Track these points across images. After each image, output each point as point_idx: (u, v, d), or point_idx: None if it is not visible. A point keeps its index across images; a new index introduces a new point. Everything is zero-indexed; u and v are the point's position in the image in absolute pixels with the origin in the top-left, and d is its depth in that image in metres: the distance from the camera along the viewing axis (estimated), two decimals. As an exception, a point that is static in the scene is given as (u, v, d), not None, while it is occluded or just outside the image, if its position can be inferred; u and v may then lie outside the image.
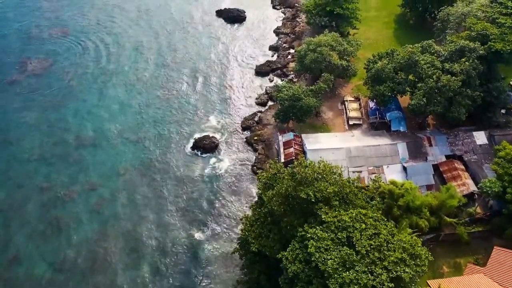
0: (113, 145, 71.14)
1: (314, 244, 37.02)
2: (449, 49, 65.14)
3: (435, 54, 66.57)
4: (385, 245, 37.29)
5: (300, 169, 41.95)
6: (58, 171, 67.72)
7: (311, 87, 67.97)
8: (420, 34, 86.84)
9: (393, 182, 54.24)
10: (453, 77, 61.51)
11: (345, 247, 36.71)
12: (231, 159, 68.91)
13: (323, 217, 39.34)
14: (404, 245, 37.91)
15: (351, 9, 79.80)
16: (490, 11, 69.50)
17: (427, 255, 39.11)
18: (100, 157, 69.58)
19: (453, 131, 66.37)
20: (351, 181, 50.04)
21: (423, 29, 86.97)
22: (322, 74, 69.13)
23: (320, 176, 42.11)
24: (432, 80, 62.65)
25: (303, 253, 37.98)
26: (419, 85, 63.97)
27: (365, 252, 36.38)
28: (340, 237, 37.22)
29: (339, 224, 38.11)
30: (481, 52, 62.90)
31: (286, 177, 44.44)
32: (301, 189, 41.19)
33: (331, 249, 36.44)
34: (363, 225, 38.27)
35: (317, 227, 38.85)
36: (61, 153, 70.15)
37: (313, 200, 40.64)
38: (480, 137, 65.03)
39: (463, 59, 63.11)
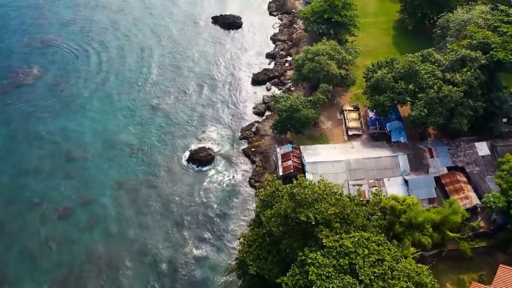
0: (106, 158, 69.29)
1: (315, 271, 35.48)
2: (450, 59, 63.81)
3: (436, 63, 65.24)
4: (389, 273, 35.75)
5: (299, 189, 40.38)
6: (50, 186, 65.82)
7: (309, 98, 66.45)
8: (419, 40, 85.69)
9: (394, 198, 52.78)
10: (455, 88, 60.14)
11: (347, 275, 35.16)
12: (228, 172, 67.23)
13: (324, 241, 37.79)
14: (410, 272, 36.40)
15: (350, 16, 78.31)
16: (491, 18, 68.28)
17: (433, 282, 37.60)
18: (93, 171, 67.71)
19: (455, 141, 64.99)
20: (351, 197, 48.60)
21: (422, 35, 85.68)
22: (320, 85, 67.66)
23: (320, 197, 40.54)
24: (433, 90, 61.26)
25: (304, 279, 36.43)
26: (419, 95, 62.61)
27: (368, 281, 34.85)
28: (342, 263, 35.69)
29: (341, 249, 36.59)
30: (483, 61, 61.58)
31: (285, 196, 42.86)
32: (300, 211, 39.63)
33: (332, 276, 34.91)
34: (366, 251, 36.75)
35: (318, 252, 37.31)
36: (53, 167, 68.25)
37: (313, 223, 39.07)
38: (482, 148, 63.69)
39: (464, 69, 61.79)
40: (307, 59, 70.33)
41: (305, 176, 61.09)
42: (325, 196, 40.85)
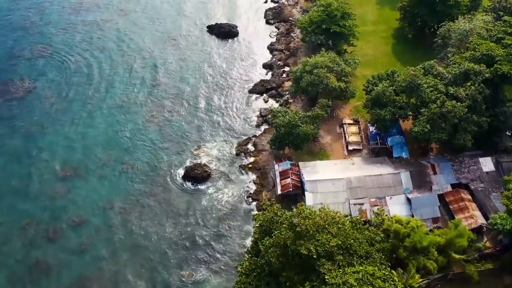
0: (98, 176, 66.92)
1: (318, 309, 33.48)
2: (453, 72, 61.83)
3: (438, 77, 63.29)
4: (396, 312, 33.89)
5: (300, 220, 38.23)
6: (41, 206, 63.48)
7: (308, 113, 64.27)
8: (419, 49, 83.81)
9: (398, 220, 50.66)
10: (459, 103, 58.16)
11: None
12: (225, 189, 64.99)
13: (326, 277, 35.71)
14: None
15: (349, 27, 76.07)
16: (495, 29, 66.38)
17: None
18: (85, 190, 65.34)
19: (458, 157, 63.03)
20: (354, 222, 46.50)
21: (422, 44, 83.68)
22: (319, 100, 65.53)
23: (321, 228, 38.44)
24: (435, 105, 59.30)
25: (306, 317, 34.43)
26: (422, 110, 60.62)
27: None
28: (346, 303, 33.75)
29: (345, 287, 34.52)
30: (487, 75, 59.67)
31: (284, 225, 40.71)
32: (301, 243, 37.54)
33: (336, 317, 32.97)
34: (371, 288, 34.82)
35: (321, 288, 35.30)
36: (43, 186, 65.85)
37: (314, 256, 36.97)
38: (487, 164, 61.83)
39: (468, 83, 59.84)
40: (305, 71, 68.15)
41: (304, 195, 59.67)
42: (327, 226, 38.73)
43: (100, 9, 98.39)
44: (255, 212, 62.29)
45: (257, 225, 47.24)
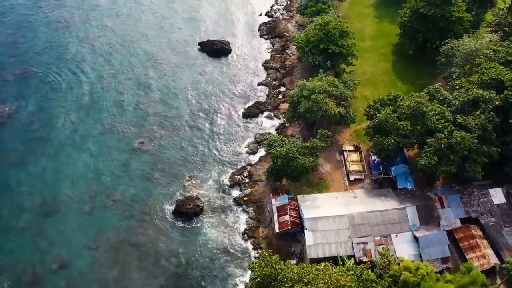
0: (83, 211, 62.49)
1: None
2: (461, 99, 58.02)
3: (445, 103, 59.46)
4: None
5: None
6: (20, 245, 59.04)
7: (306, 144, 60.11)
8: (420, 66, 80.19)
9: (406, 267, 46.70)
10: (468, 134, 54.34)
11: None
12: (218, 226, 60.77)
13: None
14: None
15: (348, 46, 71.94)
16: (502, 50, 62.65)
17: None
18: (69, 227, 60.96)
19: (467, 187, 59.29)
20: (358, 274, 42.54)
21: (424, 62, 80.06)
22: (319, 131, 61.44)
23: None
24: (443, 135, 55.46)
25: None
26: (428, 140, 56.73)
27: None
28: None
29: None
30: (497, 102, 55.93)
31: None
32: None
33: None
34: None
35: None
36: (24, 223, 61.41)
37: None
38: (497, 195, 58.14)
39: (477, 112, 56.06)
40: (303, 96, 64.09)
41: (304, 233, 55.66)
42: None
43: (85, 26, 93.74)
44: (251, 249, 58.56)
45: (253, 277, 43.22)
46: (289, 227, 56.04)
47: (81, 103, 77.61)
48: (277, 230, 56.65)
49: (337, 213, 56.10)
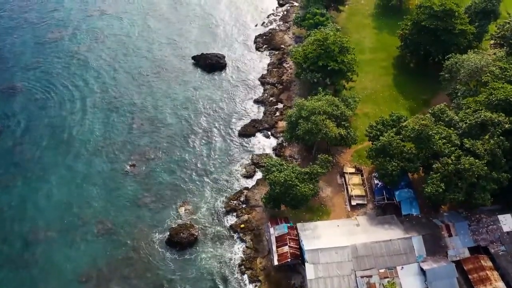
0: (70, 240, 59.45)
1: None
2: (468, 121, 55.14)
3: (451, 126, 56.50)
4: None
5: None
6: (6, 278, 55.78)
7: (306, 170, 57.00)
8: (422, 81, 77.44)
9: (415, 308, 43.91)
10: (477, 160, 51.45)
11: None
12: (214, 257, 57.54)
13: None
14: None
15: (348, 63, 68.84)
16: (510, 68, 59.85)
17: None
18: (55, 257, 57.91)
19: (474, 213, 56.48)
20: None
21: (425, 76, 77.38)
22: (319, 156, 58.41)
23: None
24: (450, 161, 52.59)
25: None
26: (434, 166, 53.81)
27: None
28: None
29: None
30: (506, 126, 53.12)
31: None
32: None
33: None
34: None
35: None
36: (9, 253, 58.40)
37: None
38: (507, 222, 55.40)
39: (486, 136, 53.18)
40: (301, 117, 61.03)
41: (304, 265, 52.64)
42: None
43: (75, 39, 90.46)
44: (248, 283, 55.37)
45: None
46: (289, 259, 52.98)
47: (68, 124, 74.29)
48: (276, 263, 53.58)
49: (339, 244, 53.11)
